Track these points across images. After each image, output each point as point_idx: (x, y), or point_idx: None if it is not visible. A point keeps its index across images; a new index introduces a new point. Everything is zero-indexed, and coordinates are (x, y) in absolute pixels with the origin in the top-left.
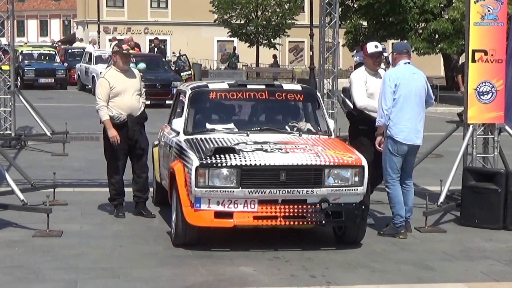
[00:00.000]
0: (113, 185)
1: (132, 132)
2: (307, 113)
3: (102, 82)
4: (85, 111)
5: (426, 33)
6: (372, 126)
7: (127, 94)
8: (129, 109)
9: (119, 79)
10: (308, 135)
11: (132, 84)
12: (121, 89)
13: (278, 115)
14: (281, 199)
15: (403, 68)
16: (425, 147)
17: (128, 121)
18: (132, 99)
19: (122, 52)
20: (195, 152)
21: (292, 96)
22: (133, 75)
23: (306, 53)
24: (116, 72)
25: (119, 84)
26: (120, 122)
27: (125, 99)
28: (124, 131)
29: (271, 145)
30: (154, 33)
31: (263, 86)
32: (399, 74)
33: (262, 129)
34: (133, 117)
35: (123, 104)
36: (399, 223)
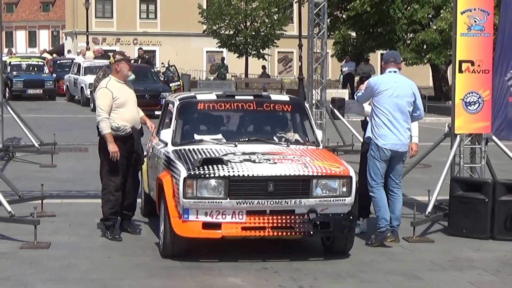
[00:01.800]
0: (111, 203)
1: (137, 145)
2: (295, 124)
3: (104, 92)
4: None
5: (414, 44)
6: None
7: (129, 105)
8: (133, 121)
9: (121, 89)
10: (296, 146)
11: (132, 95)
12: (124, 100)
13: (266, 126)
14: (269, 210)
15: (386, 76)
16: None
17: (134, 134)
18: (134, 111)
19: (128, 59)
20: (183, 163)
21: (280, 107)
22: (130, 86)
23: (295, 63)
24: (117, 83)
25: (122, 95)
26: (126, 134)
27: (129, 111)
28: (129, 144)
29: (259, 155)
30: (143, 43)
31: (251, 97)
32: (380, 80)
33: (250, 140)
34: (137, 130)
35: (128, 115)
36: (384, 226)
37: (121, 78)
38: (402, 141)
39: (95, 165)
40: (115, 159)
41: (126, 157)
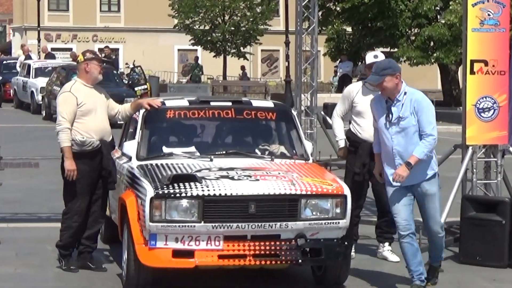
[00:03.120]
0: (72, 229)
1: (107, 161)
2: (281, 134)
3: (67, 97)
4: (22, 132)
5: (419, 40)
6: (357, 149)
7: (98, 114)
8: (101, 132)
9: (89, 94)
10: (281, 160)
11: (102, 102)
12: (91, 106)
13: (246, 136)
14: (251, 235)
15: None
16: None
17: (103, 147)
18: (104, 120)
19: (100, 59)
20: (150, 181)
21: (263, 115)
22: (100, 90)
23: (282, 63)
24: (84, 86)
25: (89, 101)
26: (93, 148)
27: (97, 120)
28: (97, 160)
29: (239, 171)
30: (104, 41)
31: (229, 103)
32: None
33: (228, 153)
34: (106, 143)
35: (95, 125)
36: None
37: (89, 81)
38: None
39: (47, 182)
40: (70, 178)
41: (94, 176)
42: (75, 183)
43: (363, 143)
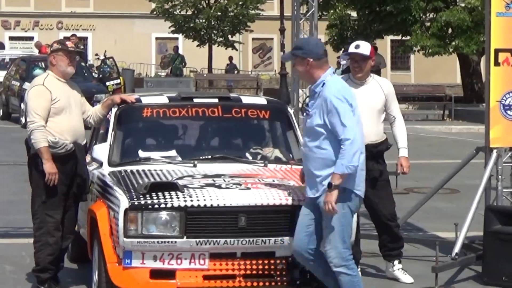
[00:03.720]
0: (50, 247)
1: (81, 167)
2: (276, 136)
3: (40, 91)
4: None
5: (435, 27)
6: None
7: (71, 112)
8: (75, 133)
9: (62, 90)
10: (276, 166)
11: (76, 99)
12: (65, 104)
13: (236, 138)
14: (241, 252)
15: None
16: (436, 178)
17: (77, 151)
18: (78, 120)
19: (67, 49)
20: (124, 190)
21: (255, 113)
22: (74, 86)
23: (276, 54)
24: (57, 81)
25: (63, 97)
26: (66, 152)
27: (71, 120)
28: (70, 166)
29: (227, 179)
30: (71, 28)
31: (215, 100)
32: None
33: (214, 157)
34: (81, 147)
35: (69, 126)
36: None
37: (60, 75)
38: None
39: (4, 192)
40: (52, 183)
41: (67, 184)
42: (48, 191)
43: None
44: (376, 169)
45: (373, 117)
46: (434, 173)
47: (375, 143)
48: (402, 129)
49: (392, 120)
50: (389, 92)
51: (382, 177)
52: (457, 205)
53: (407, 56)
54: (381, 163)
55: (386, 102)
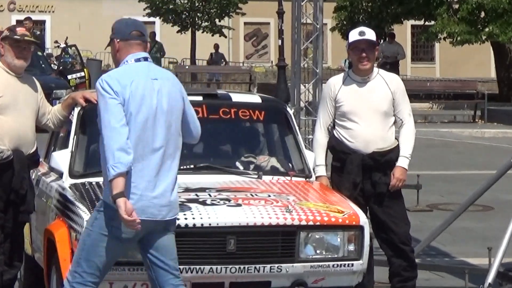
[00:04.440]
0: None
1: (18, 181)
2: (272, 141)
3: None
4: None
5: (465, 10)
6: (344, 163)
7: (20, 114)
8: (18, 139)
9: (8, 84)
10: (273, 177)
11: (28, 99)
12: (10, 102)
13: (223, 144)
14: (229, 282)
15: (133, 69)
16: (465, 193)
17: (15, 162)
18: (25, 123)
19: (14, 37)
20: (89, 206)
21: (247, 114)
22: (30, 82)
23: (273, 42)
24: (4, 73)
25: (8, 93)
26: (1, 161)
27: (16, 122)
28: (5, 178)
29: (213, 193)
30: (25, 10)
31: (199, 98)
32: (128, 79)
33: (197, 167)
34: (22, 156)
35: (10, 129)
36: None
37: (9, 67)
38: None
39: None
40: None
41: (4, 199)
42: None
43: (352, 155)
44: (383, 182)
45: (379, 120)
46: (463, 186)
47: (383, 150)
48: (408, 135)
49: (400, 124)
50: (398, 90)
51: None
52: (490, 225)
53: (431, 45)
54: (390, 176)
55: (393, 102)
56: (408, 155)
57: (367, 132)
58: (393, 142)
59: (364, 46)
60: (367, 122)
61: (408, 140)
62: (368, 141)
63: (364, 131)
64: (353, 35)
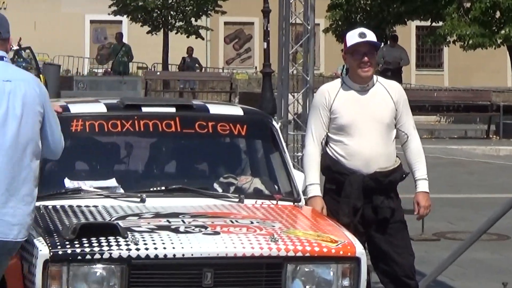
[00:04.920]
0: None
1: None
2: (255, 160)
3: None
4: None
5: (478, 9)
6: (341, 185)
7: None
8: None
9: None
10: (256, 201)
11: None
12: None
13: (200, 163)
14: None
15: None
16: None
17: None
18: None
19: None
20: (44, 234)
21: (227, 128)
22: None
23: (257, 45)
24: None
25: None
26: None
27: None
28: None
29: (187, 219)
30: None
31: (172, 109)
32: None
33: (169, 189)
34: None
35: None
36: None
37: None
38: None
39: None
40: None
41: None
42: None
43: (351, 176)
44: (386, 206)
45: (381, 135)
46: (475, 212)
47: (386, 170)
48: (420, 151)
49: (405, 139)
50: (401, 99)
51: (396, 217)
52: (506, 256)
53: (439, 49)
54: (394, 199)
55: (396, 114)
56: (426, 176)
57: (368, 148)
58: (396, 160)
59: (366, 50)
60: (368, 136)
61: (421, 157)
62: (369, 159)
63: (365, 147)
64: (352, 37)
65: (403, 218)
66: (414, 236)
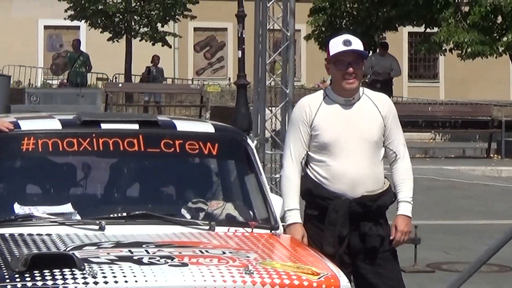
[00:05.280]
0: None
1: None
2: (227, 183)
3: None
4: None
5: (477, 14)
6: (324, 211)
7: None
8: None
9: None
10: (228, 229)
11: None
12: None
13: (165, 186)
14: None
15: None
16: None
17: None
18: None
19: None
20: None
21: (196, 147)
22: None
23: (231, 53)
24: None
25: None
26: None
27: None
28: None
29: (151, 249)
30: None
31: (135, 126)
32: None
33: (132, 215)
34: None
35: None
36: None
37: None
38: None
39: None
40: None
41: None
42: None
43: (335, 200)
44: (375, 234)
45: (368, 154)
46: (474, 240)
47: (374, 194)
48: (407, 172)
49: (393, 158)
50: (390, 114)
51: (386, 246)
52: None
53: (434, 59)
54: (383, 225)
55: (384, 130)
56: (410, 199)
57: (354, 170)
58: (384, 182)
59: (351, 59)
60: (354, 156)
61: (407, 179)
62: (355, 182)
63: (350, 168)
64: (336, 45)
65: (393, 247)
66: (406, 267)
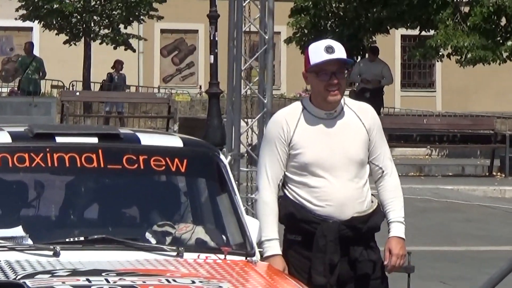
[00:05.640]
0: None
1: None
2: (197, 203)
3: None
4: None
5: (478, 16)
6: (310, 237)
7: None
8: None
9: None
10: (198, 255)
11: None
12: None
13: (128, 206)
14: None
15: None
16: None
17: None
18: None
19: None
20: None
21: (162, 163)
22: None
23: (202, 58)
24: None
25: None
26: None
27: None
28: None
29: (112, 278)
30: None
31: (93, 139)
32: None
33: (90, 240)
34: None
35: None
36: None
37: None
38: None
39: None
40: None
41: None
42: None
43: (323, 225)
44: (366, 259)
45: (354, 173)
46: (475, 269)
47: (363, 214)
48: (396, 190)
49: (379, 175)
50: (374, 126)
51: (377, 273)
52: None
53: (430, 65)
54: (374, 249)
55: (369, 144)
56: (402, 219)
57: (340, 190)
58: (372, 201)
59: (335, 69)
60: (339, 176)
61: (397, 197)
62: (343, 204)
63: (337, 189)
64: (317, 53)
65: (384, 273)
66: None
